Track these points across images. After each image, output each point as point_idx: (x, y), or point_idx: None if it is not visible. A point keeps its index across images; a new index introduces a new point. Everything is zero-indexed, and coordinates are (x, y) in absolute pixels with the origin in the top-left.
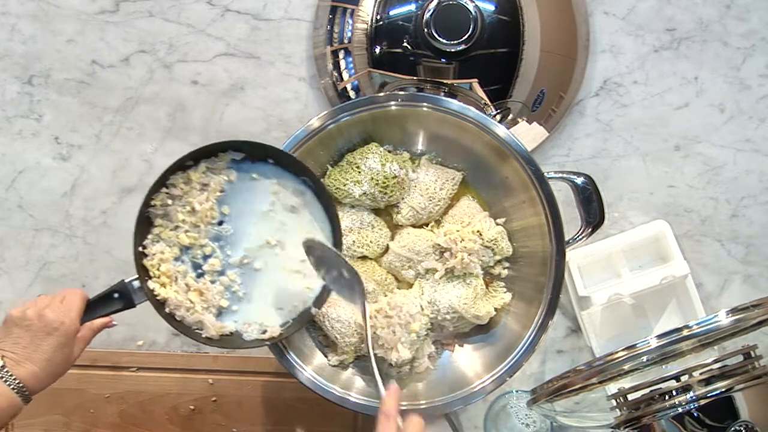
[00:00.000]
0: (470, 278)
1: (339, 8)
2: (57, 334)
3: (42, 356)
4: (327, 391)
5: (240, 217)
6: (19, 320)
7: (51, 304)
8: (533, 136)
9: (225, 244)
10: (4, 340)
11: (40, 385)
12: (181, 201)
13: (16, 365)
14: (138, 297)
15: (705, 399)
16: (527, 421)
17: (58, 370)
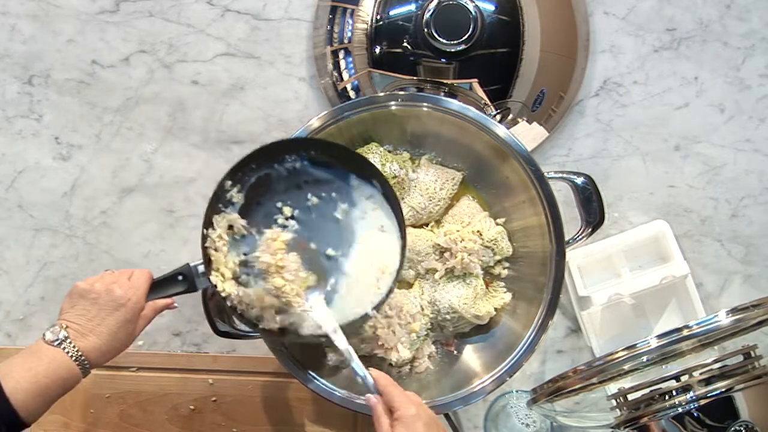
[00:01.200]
0: (470, 278)
1: (339, 8)
2: (124, 309)
3: (106, 330)
4: (327, 391)
5: (310, 218)
6: (86, 292)
7: (119, 280)
8: (533, 136)
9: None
10: (69, 311)
11: (101, 359)
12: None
13: (80, 337)
14: (201, 282)
15: (705, 399)
16: (527, 421)
17: (119, 345)
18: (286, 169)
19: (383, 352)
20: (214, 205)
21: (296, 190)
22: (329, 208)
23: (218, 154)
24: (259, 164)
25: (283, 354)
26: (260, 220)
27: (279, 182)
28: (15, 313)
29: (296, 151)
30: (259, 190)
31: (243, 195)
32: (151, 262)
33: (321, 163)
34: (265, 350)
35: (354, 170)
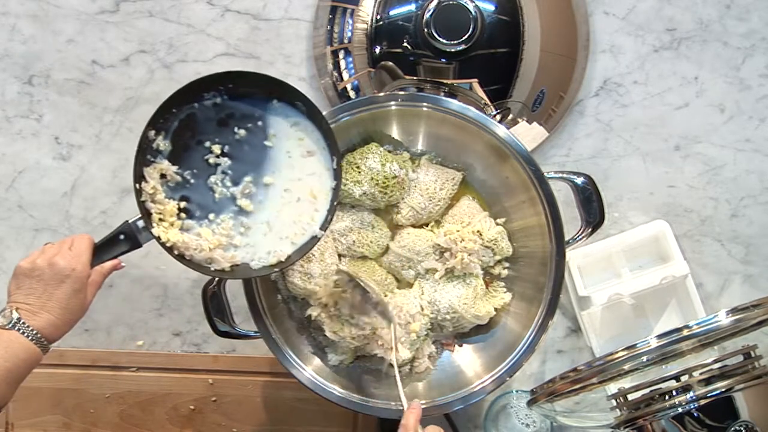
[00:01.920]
0: (470, 278)
1: (339, 8)
2: (70, 280)
3: (57, 304)
4: (327, 391)
5: (241, 151)
6: (29, 271)
7: (60, 252)
8: (533, 136)
9: (225, 176)
10: (16, 292)
11: (57, 333)
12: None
13: (33, 316)
14: (144, 237)
15: (705, 399)
16: (527, 421)
17: (73, 317)
18: (208, 107)
19: (383, 352)
20: (142, 158)
21: (223, 127)
22: (258, 138)
23: None
24: (179, 107)
25: (283, 354)
26: (192, 163)
27: (204, 122)
28: None
29: (214, 88)
30: (185, 133)
31: (169, 141)
32: (150, 262)
33: (241, 95)
34: (265, 350)
35: (276, 96)
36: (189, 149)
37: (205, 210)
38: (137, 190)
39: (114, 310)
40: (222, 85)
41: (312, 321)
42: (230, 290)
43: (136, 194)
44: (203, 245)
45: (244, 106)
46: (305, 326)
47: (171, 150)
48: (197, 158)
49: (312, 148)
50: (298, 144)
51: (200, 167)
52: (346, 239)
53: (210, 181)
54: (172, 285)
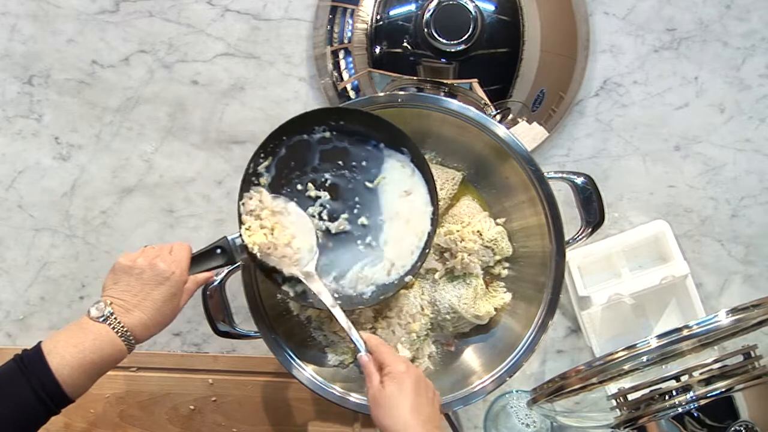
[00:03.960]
0: (470, 278)
1: (339, 8)
2: (168, 283)
3: (151, 305)
4: (327, 391)
5: (342, 188)
6: (129, 268)
7: (161, 254)
8: (533, 136)
9: (323, 209)
10: (112, 287)
11: (146, 334)
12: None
13: (126, 313)
14: (239, 254)
15: (705, 399)
16: (527, 421)
17: (165, 320)
18: (316, 140)
19: None
20: (247, 181)
21: (327, 162)
22: (361, 177)
23: (218, 154)
24: (289, 136)
25: (283, 354)
26: (291, 192)
27: (309, 153)
28: (15, 313)
29: (325, 122)
30: (289, 162)
31: (274, 167)
32: None
33: (350, 132)
34: (265, 350)
35: (383, 138)
36: (291, 178)
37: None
38: (240, 209)
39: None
40: (333, 120)
41: (312, 321)
42: (230, 290)
43: (239, 214)
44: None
45: (351, 144)
46: (305, 326)
47: (274, 176)
48: (299, 188)
49: (411, 192)
50: (399, 189)
51: (301, 198)
52: None
53: (308, 212)
54: None
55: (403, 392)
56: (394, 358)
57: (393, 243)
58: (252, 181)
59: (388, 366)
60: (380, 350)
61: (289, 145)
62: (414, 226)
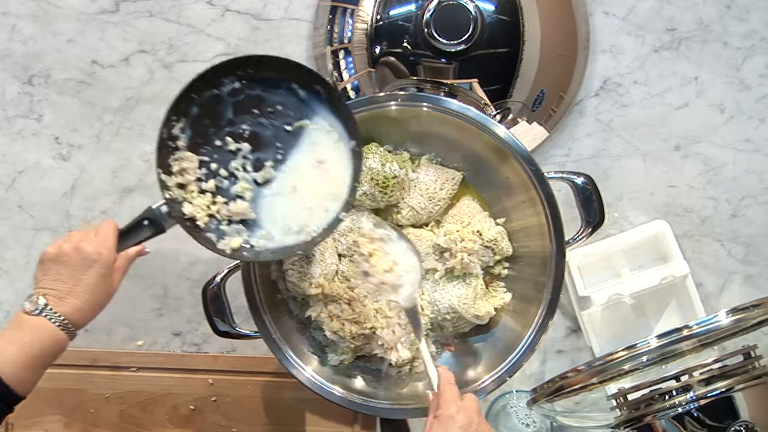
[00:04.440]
0: (470, 278)
1: (339, 8)
2: (97, 265)
3: (84, 289)
4: (327, 391)
5: (262, 137)
6: (56, 256)
7: (86, 237)
8: (533, 136)
9: (246, 161)
10: (43, 278)
11: (84, 319)
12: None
13: (59, 302)
14: (168, 223)
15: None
16: (527, 421)
17: (100, 301)
18: (227, 93)
19: (383, 352)
20: (164, 145)
21: (242, 113)
22: (278, 123)
23: None
24: (198, 93)
25: (283, 354)
26: (213, 149)
27: (222, 107)
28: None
29: (233, 73)
30: (203, 120)
31: (189, 128)
32: (151, 261)
33: (261, 80)
34: (265, 350)
35: (295, 79)
36: (209, 135)
37: (228, 195)
38: (160, 176)
39: (114, 310)
40: (241, 70)
41: (312, 321)
42: (230, 290)
43: (159, 181)
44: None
45: (264, 90)
46: (305, 326)
47: (191, 136)
48: (218, 144)
49: (331, 132)
50: (317, 128)
51: (221, 153)
52: (346, 239)
53: (231, 167)
54: (172, 285)
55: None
56: (448, 400)
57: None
58: (169, 146)
59: (440, 408)
60: (442, 389)
61: (200, 102)
62: (331, 170)
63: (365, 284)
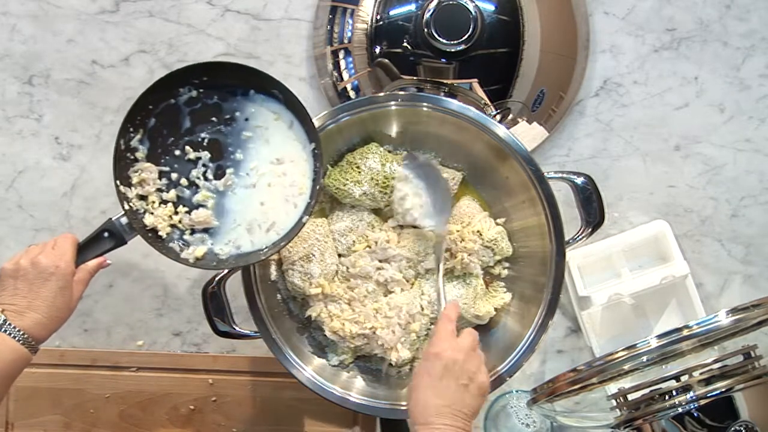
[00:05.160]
0: (470, 278)
1: (339, 8)
2: (54, 278)
3: (43, 303)
4: (327, 391)
5: (221, 144)
6: (13, 272)
7: (43, 251)
8: (533, 136)
9: (206, 169)
10: (1, 294)
11: (45, 333)
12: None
13: (19, 316)
14: (128, 234)
15: (705, 399)
16: (527, 421)
17: (61, 315)
18: (183, 102)
19: (383, 352)
20: (121, 157)
21: (201, 122)
22: (237, 130)
23: None
24: (155, 104)
25: (283, 354)
26: (172, 159)
27: (179, 117)
28: None
29: (189, 82)
30: (161, 130)
31: (147, 139)
32: (152, 262)
33: (218, 87)
34: (265, 350)
35: (252, 86)
36: (168, 145)
37: (189, 204)
38: (120, 192)
39: (114, 310)
40: (197, 78)
41: (312, 321)
42: (230, 290)
43: (118, 194)
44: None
45: (221, 98)
46: (305, 326)
47: (150, 147)
48: (177, 154)
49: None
50: (277, 133)
51: (181, 163)
52: (346, 239)
53: (191, 176)
54: (172, 285)
55: (430, 374)
56: (440, 337)
57: (265, 197)
58: (127, 157)
59: (431, 345)
60: (437, 326)
61: (157, 113)
62: (294, 174)
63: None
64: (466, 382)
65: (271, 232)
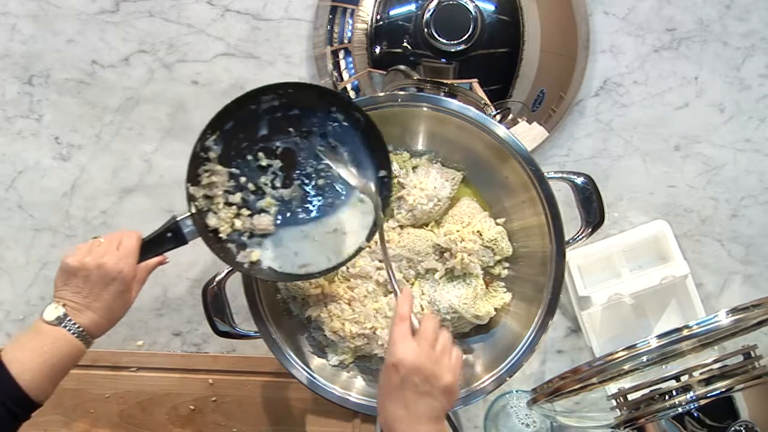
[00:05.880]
0: (470, 278)
1: (339, 8)
2: (116, 283)
3: (102, 305)
4: (327, 391)
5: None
6: (78, 270)
7: (108, 252)
8: (533, 136)
9: (276, 177)
10: (63, 288)
11: (100, 331)
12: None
13: (78, 314)
14: (192, 236)
15: (705, 399)
16: (527, 421)
17: (117, 314)
18: (264, 110)
19: (383, 352)
20: (196, 158)
21: (277, 130)
22: (311, 144)
23: None
24: (236, 109)
25: (283, 354)
26: (242, 162)
27: (257, 123)
28: (15, 313)
29: (273, 91)
30: (237, 134)
31: (222, 141)
32: None
33: (298, 102)
34: (265, 350)
35: (335, 107)
36: (241, 149)
37: (253, 208)
38: (188, 190)
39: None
40: (282, 89)
41: (312, 321)
42: (230, 290)
43: (187, 194)
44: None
45: (302, 111)
46: (305, 326)
47: (223, 149)
48: (249, 158)
49: (360, 159)
50: (349, 154)
51: (251, 168)
52: None
53: (260, 181)
54: (172, 285)
55: (389, 385)
56: (392, 343)
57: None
58: (201, 156)
59: (387, 354)
60: (391, 329)
61: (236, 117)
62: (359, 196)
63: None
64: (428, 389)
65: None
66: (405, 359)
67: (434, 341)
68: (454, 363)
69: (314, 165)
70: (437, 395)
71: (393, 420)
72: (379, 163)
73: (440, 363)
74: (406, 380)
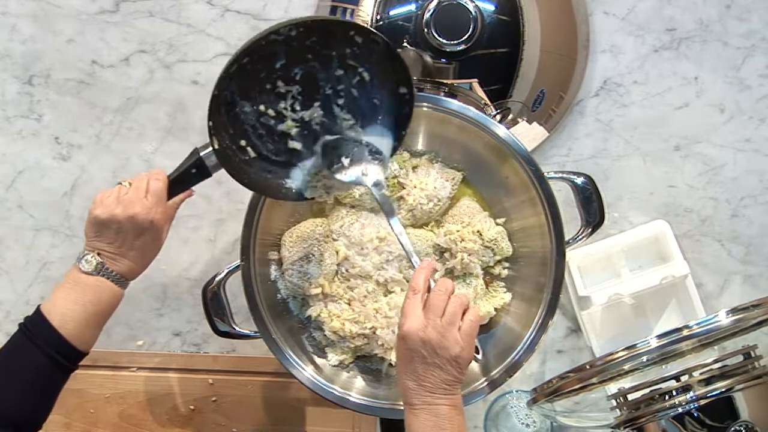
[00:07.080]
0: (470, 278)
1: (339, 8)
2: (149, 232)
3: (136, 252)
4: (327, 391)
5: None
6: (108, 221)
7: (136, 200)
8: (533, 136)
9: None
10: (95, 239)
11: (135, 274)
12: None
13: (113, 262)
14: (215, 168)
15: (705, 399)
16: (527, 421)
17: (150, 257)
18: (282, 39)
19: (383, 352)
20: (215, 99)
21: (295, 56)
22: (330, 70)
23: None
24: (253, 43)
25: (283, 354)
26: (261, 91)
27: (277, 51)
28: (15, 313)
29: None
30: (255, 65)
31: (239, 72)
32: None
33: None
34: (265, 350)
35: (352, 28)
36: (260, 79)
37: (274, 132)
38: (210, 125)
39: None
40: (301, 25)
41: (312, 321)
42: (230, 290)
43: (208, 128)
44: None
45: (319, 38)
46: (305, 326)
47: (241, 81)
48: (268, 87)
49: (379, 75)
50: (367, 72)
51: (270, 96)
52: None
53: (279, 107)
54: (172, 285)
55: (401, 358)
56: (402, 314)
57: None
58: (222, 97)
59: (399, 323)
60: (405, 299)
61: (252, 51)
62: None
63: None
64: (436, 361)
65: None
66: (410, 331)
67: (441, 312)
68: (464, 333)
69: (334, 85)
70: (446, 366)
71: (407, 391)
72: (398, 79)
73: (447, 334)
74: (415, 352)
